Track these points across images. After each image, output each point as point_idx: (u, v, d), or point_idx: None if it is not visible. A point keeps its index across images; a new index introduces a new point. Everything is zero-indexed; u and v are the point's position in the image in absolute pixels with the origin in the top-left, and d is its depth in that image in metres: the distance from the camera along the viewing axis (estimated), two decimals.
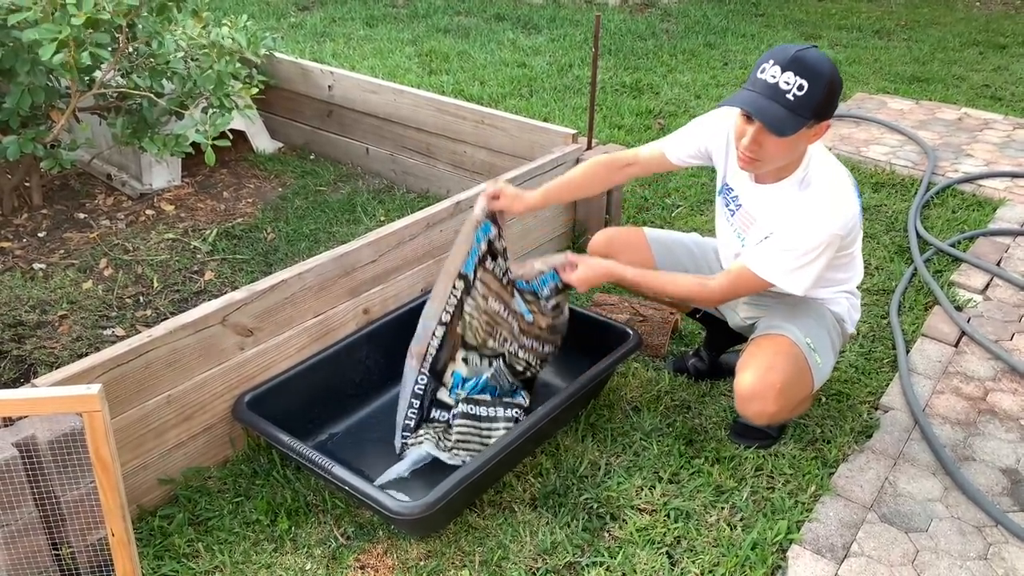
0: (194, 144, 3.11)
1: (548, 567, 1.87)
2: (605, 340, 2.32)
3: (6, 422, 1.66)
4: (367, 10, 7.05)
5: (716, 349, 2.50)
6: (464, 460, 2.10)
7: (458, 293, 2.16)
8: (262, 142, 4.16)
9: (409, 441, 2.19)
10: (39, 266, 3.10)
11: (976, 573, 1.88)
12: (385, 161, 3.85)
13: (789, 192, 1.95)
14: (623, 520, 2.00)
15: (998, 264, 3.16)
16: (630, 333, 2.33)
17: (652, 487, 2.09)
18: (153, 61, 3.00)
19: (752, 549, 1.91)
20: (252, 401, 2.09)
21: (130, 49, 2.95)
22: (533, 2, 7.42)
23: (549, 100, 4.88)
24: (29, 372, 2.49)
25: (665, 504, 2.04)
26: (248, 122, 3.99)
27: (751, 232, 2.05)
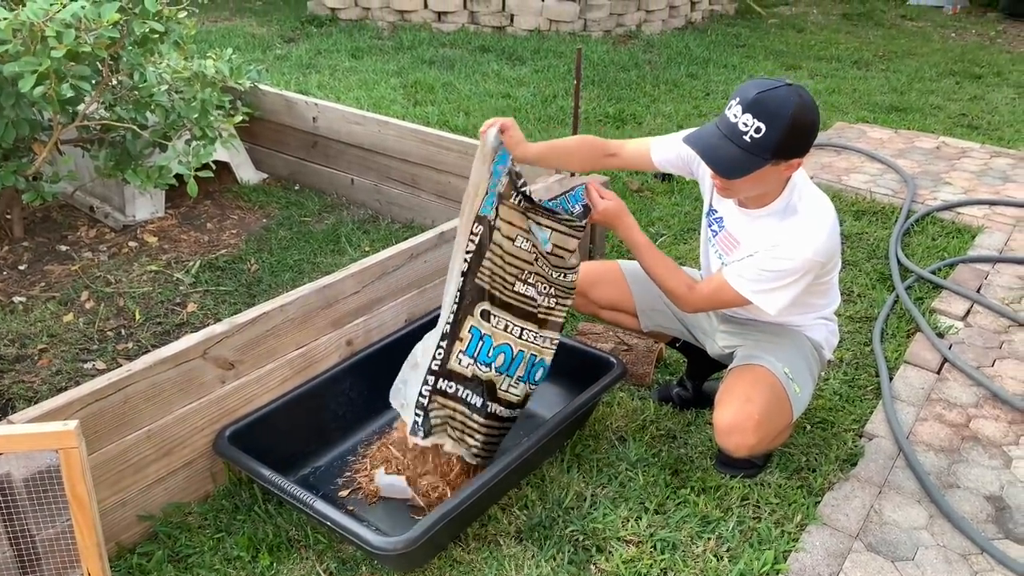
0: (178, 176, 3.10)
1: None
2: (590, 370, 2.31)
3: None
4: (352, 42, 7.10)
5: (699, 377, 2.51)
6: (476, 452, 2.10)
7: (476, 239, 1.98)
8: (246, 173, 4.16)
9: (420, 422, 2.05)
10: (19, 299, 3.07)
11: None
12: (370, 192, 3.86)
13: (772, 218, 1.98)
14: (609, 552, 1.98)
15: (978, 291, 3.19)
16: (615, 362, 2.33)
17: (638, 518, 2.08)
18: (137, 93, 3.00)
19: None
20: (233, 435, 2.07)
21: (113, 81, 2.95)
22: (517, 34, 7.51)
23: (533, 131, 4.91)
24: (7, 407, 2.45)
25: (651, 535, 2.03)
26: (233, 153, 3.99)
27: (733, 255, 2.07)
